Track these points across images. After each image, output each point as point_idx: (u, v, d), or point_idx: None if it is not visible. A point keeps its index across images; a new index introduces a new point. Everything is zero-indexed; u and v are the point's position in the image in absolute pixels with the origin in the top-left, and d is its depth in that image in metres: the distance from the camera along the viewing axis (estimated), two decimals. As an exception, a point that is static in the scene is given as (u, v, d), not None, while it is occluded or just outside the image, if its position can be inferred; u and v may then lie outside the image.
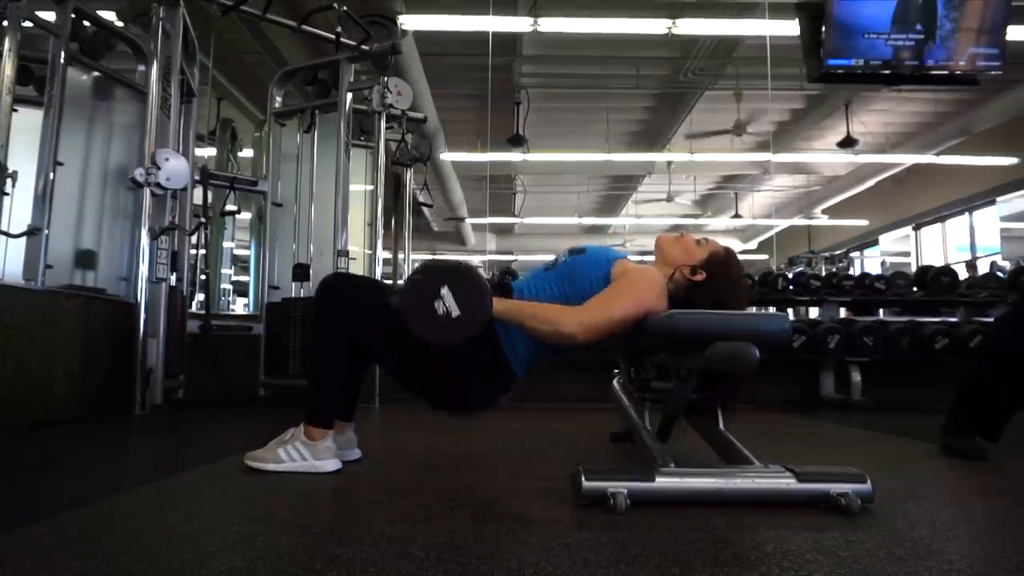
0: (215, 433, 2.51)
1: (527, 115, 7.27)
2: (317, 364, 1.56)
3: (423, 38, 5.72)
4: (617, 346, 1.87)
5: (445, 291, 1.29)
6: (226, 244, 6.21)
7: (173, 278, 3.21)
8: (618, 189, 11.58)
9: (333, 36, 3.71)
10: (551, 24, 5.22)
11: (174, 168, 3.05)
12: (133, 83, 3.38)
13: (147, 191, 3.02)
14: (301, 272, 3.80)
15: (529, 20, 5.14)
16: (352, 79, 3.75)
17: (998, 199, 8.54)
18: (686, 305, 1.41)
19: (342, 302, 1.53)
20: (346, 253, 3.54)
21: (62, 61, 2.80)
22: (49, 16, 2.82)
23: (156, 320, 3.04)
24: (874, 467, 1.48)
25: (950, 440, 1.91)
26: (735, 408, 1.55)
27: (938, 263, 6.80)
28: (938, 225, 9.97)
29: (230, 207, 4.44)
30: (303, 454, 1.50)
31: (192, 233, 3.57)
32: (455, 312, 1.28)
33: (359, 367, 1.63)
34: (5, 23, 2.60)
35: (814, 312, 4.96)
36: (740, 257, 1.59)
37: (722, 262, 1.50)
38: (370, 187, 3.91)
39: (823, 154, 9.30)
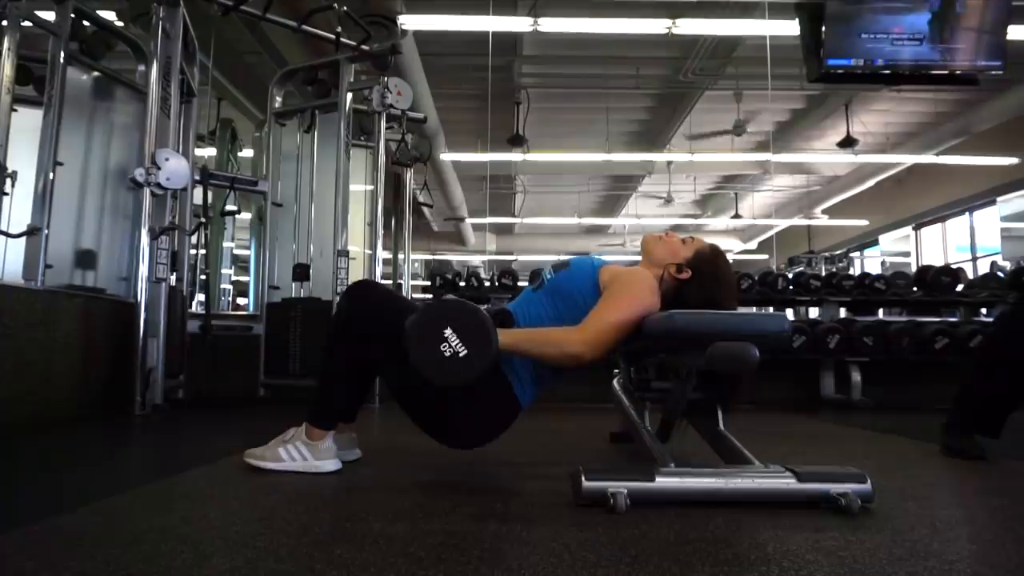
0: (215, 433, 2.51)
1: (527, 115, 7.27)
2: (328, 369, 1.54)
3: (423, 38, 5.72)
4: (617, 346, 1.87)
5: (448, 332, 1.27)
6: (226, 244, 6.21)
7: (173, 278, 3.21)
8: (618, 189, 11.58)
9: (333, 36, 3.71)
10: (551, 24, 5.21)
11: (174, 168, 3.05)
12: (133, 83, 3.38)
13: (147, 191, 3.02)
14: (301, 272, 3.80)
15: (529, 20, 5.14)
16: (352, 79, 3.75)
17: (998, 199, 8.53)
18: (676, 304, 1.40)
19: (362, 318, 1.48)
20: (346, 253, 3.54)
21: (62, 61, 2.80)
22: (49, 16, 2.82)
23: (156, 320, 3.04)
24: (874, 467, 1.48)
25: (950, 440, 1.91)
26: (731, 407, 1.55)
27: (938, 263, 6.80)
28: (938, 225, 9.97)
29: (230, 207, 4.44)
30: (303, 454, 1.50)
31: (192, 233, 3.57)
32: (462, 351, 1.26)
33: (369, 378, 1.61)
34: (5, 23, 2.60)
35: (814, 312, 4.96)
36: (741, 257, 1.58)
37: (708, 259, 1.49)
38: (370, 187, 3.91)
39: (823, 154, 9.29)
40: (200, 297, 4.54)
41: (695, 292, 1.45)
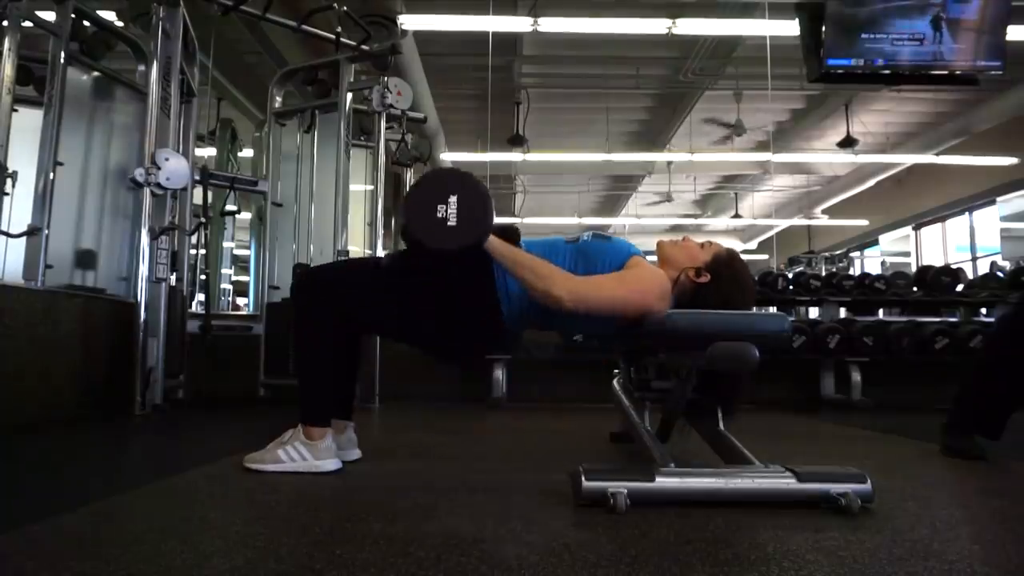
0: (215, 433, 2.51)
1: (527, 115, 7.27)
2: (305, 361, 1.55)
3: (423, 38, 5.72)
4: (617, 346, 1.87)
5: (452, 199, 1.29)
6: (226, 244, 6.21)
7: (173, 278, 3.21)
8: (618, 189, 11.58)
9: (333, 36, 3.71)
10: (551, 24, 5.21)
11: (174, 168, 3.05)
12: (133, 83, 3.38)
13: (147, 191, 3.01)
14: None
15: (529, 20, 5.14)
16: (352, 79, 3.75)
17: (998, 199, 8.53)
18: (693, 307, 1.41)
19: (320, 285, 1.55)
20: (346, 253, 3.54)
21: (62, 61, 2.79)
22: (49, 16, 2.82)
23: (156, 320, 3.04)
24: (874, 467, 1.48)
25: (950, 440, 1.91)
26: (735, 409, 1.55)
27: (938, 263, 6.80)
28: (938, 225, 9.97)
29: (230, 207, 4.44)
30: (303, 454, 1.50)
31: (192, 233, 3.56)
32: (452, 221, 1.29)
33: (350, 357, 1.63)
34: (5, 23, 2.60)
35: (814, 312, 4.96)
36: (741, 257, 1.59)
37: (726, 263, 1.50)
38: (370, 187, 3.91)
39: (823, 154, 9.29)
40: (200, 297, 4.54)
41: (713, 295, 1.46)
